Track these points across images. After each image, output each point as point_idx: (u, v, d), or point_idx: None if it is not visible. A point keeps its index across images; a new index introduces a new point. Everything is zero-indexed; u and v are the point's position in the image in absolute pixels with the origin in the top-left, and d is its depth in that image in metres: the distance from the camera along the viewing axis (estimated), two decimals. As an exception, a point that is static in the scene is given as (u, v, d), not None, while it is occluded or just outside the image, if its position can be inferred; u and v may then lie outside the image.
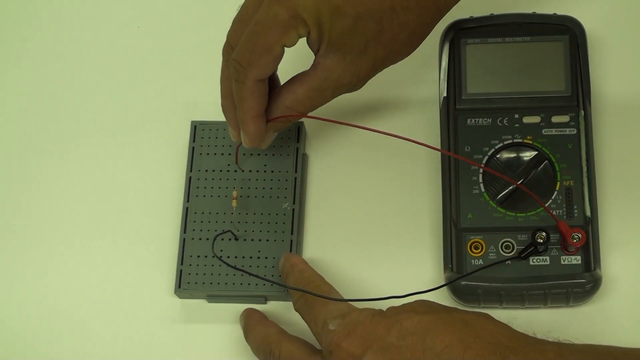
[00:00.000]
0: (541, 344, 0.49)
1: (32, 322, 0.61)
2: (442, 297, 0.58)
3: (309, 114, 0.56)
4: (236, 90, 0.54)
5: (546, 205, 0.57)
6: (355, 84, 0.55)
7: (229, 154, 0.62)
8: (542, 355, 0.47)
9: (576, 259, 0.56)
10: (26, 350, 0.60)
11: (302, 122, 0.62)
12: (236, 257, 0.59)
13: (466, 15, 0.61)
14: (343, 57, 0.53)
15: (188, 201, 0.61)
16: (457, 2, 0.55)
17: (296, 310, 0.55)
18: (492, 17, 0.61)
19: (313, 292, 0.53)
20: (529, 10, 0.60)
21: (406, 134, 0.63)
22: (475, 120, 0.59)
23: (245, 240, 0.60)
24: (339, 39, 0.52)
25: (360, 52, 0.53)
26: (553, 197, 0.57)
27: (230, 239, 0.60)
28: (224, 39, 0.67)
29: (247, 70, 0.53)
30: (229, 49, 0.55)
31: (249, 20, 0.52)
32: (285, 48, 0.53)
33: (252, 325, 0.56)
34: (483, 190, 0.58)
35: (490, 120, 0.59)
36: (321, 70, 0.54)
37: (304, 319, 0.54)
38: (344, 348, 0.49)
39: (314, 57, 0.54)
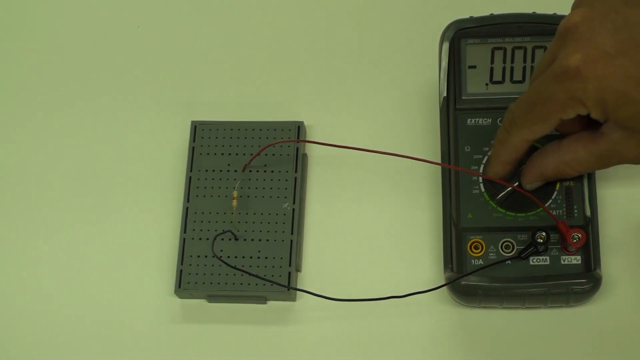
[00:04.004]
0: None
1: (32, 321, 0.61)
2: (442, 297, 0.58)
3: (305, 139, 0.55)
4: (500, 137, 0.54)
5: (546, 205, 0.57)
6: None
7: (229, 154, 0.62)
8: None
9: (576, 259, 0.56)
10: (25, 350, 0.60)
11: (302, 122, 0.62)
12: (236, 257, 0.59)
13: (466, 15, 0.61)
14: (631, 135, 0.51)
15: (188, 201, 0.61)
16: None
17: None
18: (492, 17, 0.61)
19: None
20: (529, 10, 0.60)
21: (406, 135, 0.63)
22: (475, 120, 0.59)
23: (245, 240, 0.60)
24: (626, 122, 0.50)
25: None
26: (553, 197, 0.57)
27: (230, 239, 0.60)
28: (225, 39, 0.68)
29: (518, 128, 0.53)
30: None
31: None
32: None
33: None
34: (483, 190, 0.58)
35: (490, 120, 0.59)
36: (605, 141, 0.52)
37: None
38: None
39: None
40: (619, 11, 0.49)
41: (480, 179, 0.58)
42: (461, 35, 0.60)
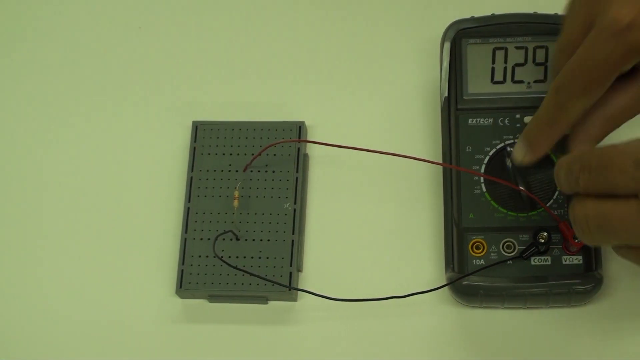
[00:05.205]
0: None
1: (32, 321, 0.61)
2: (444, 297, 0.58)
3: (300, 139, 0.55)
4: (555, 114, 0.53)
5: (547, 205, 0.57)
6: None
7: (230, 154, 0.62)
8: None
9: (577, 259, 0.56)
10: (26, 350, 0.60)
11: (303, 122, 0.62)
12: (237, 257, 0.59)
13: (467, 15, 0.61)
14: None
15: (189, 201, 0.61)
16: None
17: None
18: (493, 17, 0.61)
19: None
20: (530, 10, 0.60)
21: (407, 135, 0.63)
22: (476, 120, 0.59)
23: (246, 240, 0.60)
24: None
25: None
26: (555, 197, 0.57)
27: (231, 239, 0.60)
28: (226, 39, 0.68)
29: (577, 101, 0.52)
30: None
31: (574, 50, 0.51)
32: None
33: None
34: (484, 190, 0.58)
35: (491, 120, 0.59)
36: None
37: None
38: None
39: None
40: None
41: (482, 179, 0.58)
42: (462, 35, 0.60)
